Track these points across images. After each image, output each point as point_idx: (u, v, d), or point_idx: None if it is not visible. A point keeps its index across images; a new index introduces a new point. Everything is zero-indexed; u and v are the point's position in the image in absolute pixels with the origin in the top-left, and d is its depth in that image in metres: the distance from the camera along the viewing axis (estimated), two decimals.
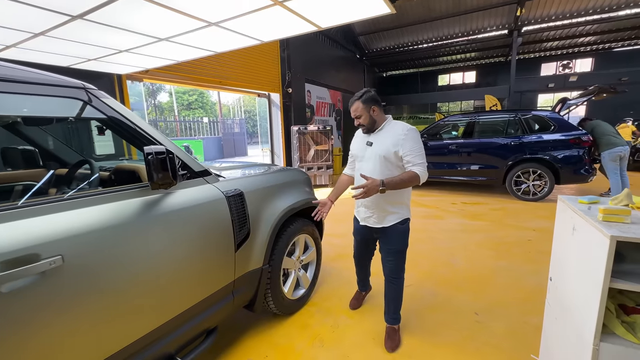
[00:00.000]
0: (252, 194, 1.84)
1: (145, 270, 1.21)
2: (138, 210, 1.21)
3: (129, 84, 4.35)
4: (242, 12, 1.92)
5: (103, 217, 1.11)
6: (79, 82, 1.22)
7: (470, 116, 6.19)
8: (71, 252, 1.00)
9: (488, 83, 15.18)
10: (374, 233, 1.88)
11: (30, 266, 0.91)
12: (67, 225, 1.02)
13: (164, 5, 1.71)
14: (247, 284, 1.82)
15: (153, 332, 1.27)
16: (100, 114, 1.24)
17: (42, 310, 0.94)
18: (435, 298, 2.42)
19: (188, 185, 1.50)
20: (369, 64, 14.53)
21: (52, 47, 2.47)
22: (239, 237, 1.71)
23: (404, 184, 1.62)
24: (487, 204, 5.34)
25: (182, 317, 1.40)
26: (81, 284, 1.03)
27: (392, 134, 1.69)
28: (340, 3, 1.89)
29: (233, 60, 5.83)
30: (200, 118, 22.49)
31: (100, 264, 1.08)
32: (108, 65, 3.31)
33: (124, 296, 1.15)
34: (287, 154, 7.56)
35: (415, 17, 11.00)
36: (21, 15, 1.79)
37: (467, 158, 5.88)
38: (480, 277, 2.74)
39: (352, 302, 2.29)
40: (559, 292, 1.39)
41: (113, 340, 1.14)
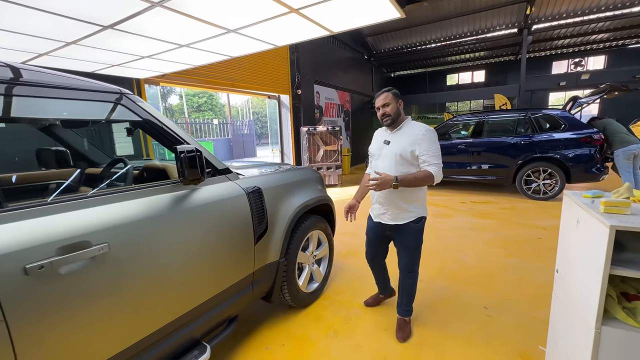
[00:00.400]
0: (269, 191, 1.95)
1: (176, 258, 1.32)
2: (171, 204, 1.32)
3: (146, 87, 4.53)
4: (259, 19, 2.04)
5: (142, 210, 1.23)
6: (117, 88, 1.35)
7: (479, 115, 6.19)
8: (115, 241, 1.12)
9: (497, 82, 15.04)
10: (387, 230, 1.90)
11: (83, 252, 1.03)
12: (112, 216, 1.14)
13: (188, 14, 1.84)
14: (265, 276, 1.92)
15: (182, 317, 1.39)
16: (135, 117, 1.36)
17: (92, 291, 1.06)
18: (446, 292, 2.49)
19: (212, 182, 1.61)
20: (377, 65, 14.57)
21: (81, 54, 2.63)
22: (258, 231, 1.82)
23: (418, 182, 1.66)
24: (496, 203, 5.35)
25: (207, 305, 1.51)
26: (123, 269, 1.14)
27: (410, 133, 1.75)
28: (351, 9, 1.98)
29: (244, 63, 5.98)
30: (211, 120, 22.83)
31: (139, 252, 1.20)
32: (129, 70, 3.48)
33: (158, 282, 1.27)
34: (296, 154, 7.68)
35: (423, 18, 11.01)
36: (57, 26, 1.95)
37: (476, 157, 5.89)
38: (490, 273, 2.80)
39: (369, 300, 2.30)
40: (565, 283, 1.45)
41: (149, 322, 1.25)
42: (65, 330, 1.00)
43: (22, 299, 0.90)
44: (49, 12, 1.75)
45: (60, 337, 0.99)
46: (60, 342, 0.99)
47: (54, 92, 1.16)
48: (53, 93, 1.16)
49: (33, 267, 0.92)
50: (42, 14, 1.77)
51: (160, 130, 1.43)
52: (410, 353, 1.83)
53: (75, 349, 1.03)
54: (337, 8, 1.93)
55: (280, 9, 1.88)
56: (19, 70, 1.10)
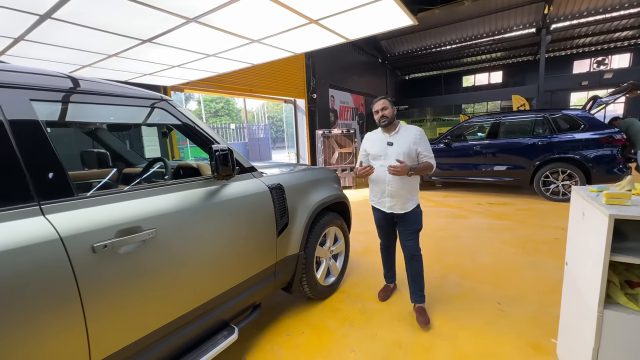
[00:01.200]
0: (290, 188, 2.10)
1: (209, 246, 1.49)
2: (205, 197, 1.49)
3: (172, 94, 4.82)
4: (281, 30, 2.21)
5: (182, 201, 1.40)
6: (158, 95, 1.54)
7: (495, 117, 6.17)
8: (162, 227, 1.29)
9: (516, 83, 14.75)
10: (394, 218, 2.18)
11: (136, 235, 1.21)
12: (159, 206, 1.31)
13: (217, 27, 2.03)
14: (286, 267, 2.07)
15: (213, 300, 1.54)
16: (175, 120, 1.54)
17: (144, 269, 1.23)
18: (459, 288, 2.55)
19: (240, 178, 1.78)
20: (391, 68, 14.63)
21: (119, 65, 2.90)
22: (280, 225, 1.97)
23: (425, 170, 2.06)
24: (513, 204, 5.31)
25: (234, 290, 1.67)
26: (167, 252, 1.31)
27: (409, 135, 2.07)
28: (366, 18, 2.12)
29: (262, 69, 6.22)
30: (228, 124, 23.43)
31: (181, 238, 1.36)
32: (158, 78, 3.76)
33: (194, 266, 1.43)
34: (312, 157, 7.85)
35: (438, 20, 11.02)
36: (103, 41, 2.20)
37: (492, 159, 5.86)
38: (504, 271, 2.83)
39: (380, 294, 2.46)
40: (572, 273, 1.52)
41: (187, 301, 1.42)
42: (124, 300, 1.17)
43: (91, 272, 1.08)
44: (96, 29, 1.99)
45: (120, 305, 1.16)
46: (120, 310, 1.16)
47: (107, 99, 1.35)
48: (106, 100, 1.35)
49: (99, 245, 1.09)
50: (90, 30, 2.00)
51: (197, 132, 1.61)
52: (424, 341, 1.92)
53: (132, 316, 1.20)
54: (353, 18, 2.07)
55: (300, 21, 2.04)
56: (77, 81, 1.29)
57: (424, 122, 14.72)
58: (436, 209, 5.28)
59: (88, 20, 1.90)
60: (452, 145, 6.30)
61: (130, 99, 1.41)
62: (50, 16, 1.68)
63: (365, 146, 2.25)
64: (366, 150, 2.24)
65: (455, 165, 6.28)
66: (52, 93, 1.16)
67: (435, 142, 6.56)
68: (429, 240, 3.73)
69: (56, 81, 1.19)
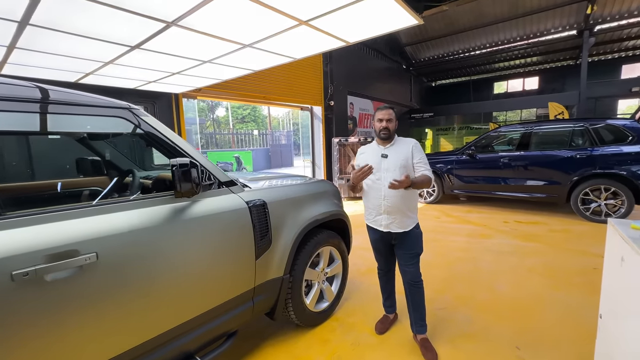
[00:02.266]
0: (275, 205, 1.91)
1: (166, 271, 1.32)
2: (162, 216, 1.34)
3: (185, 101, 4.87)
4: (270, 33, 2.07)
5: (133, 221, 1.25)
6: (125, 103, 1.42)
7: (527, 126, 5.63)
8: (105, 251, 1.15)
9: (554, 89, 13.68)
10: (392, 240, 1.97)
11: (70, 260, 1.07)
12: (103, 227, 1.17)
13: (201, 31, 1.93)
14: (267, 292, 1.86)
15: (172, 330, 1.38)
16: (140, 130, 1.41)
17: (79, 299, 1.09)
18: (471, 325, 2.21)
19: (213, 194, 1.62)
20: (416, 74, 14.17)
21: (120, 72, 2.93)
22: (260, 245, 1.77)
23: (423, 185, 1.85)
24: (546, 224, 4.76)
25: (200, 319, 1.49)
26: (113, 280, 1.17)
27: (403, 146, 1.94)
28: (363, 19, 1.92)
29: (277, 75, 6.17)
30: (251, 131, 23.97)
31: (130, 263, 1.22)
32: (166, 86, 3.78)
33: (146, 294, 1.27)
34: (327, 165, 7.66)
35: (466, 24, 10.50)
36: (94, 48, 2.19)
37: (522, 172, 5.32)
38: (528, 306, 2.44)
39: (378, 325, 2.20)
40: (609, 330, 1.18)
41: (134, 333, 1.26)
42: (51, 335, 1.03)
43: (8, 304, 0.94)
44: (79, 35, 1.96)
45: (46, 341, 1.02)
46: (47, 346, 1.02)
47: (68, 109, 1.25)
48: (64, 109, 1.24)
49: (19, 273, 0.96)
50: (73, 37, 1.98)
51: (162, 143, 1.47)
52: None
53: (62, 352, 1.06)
54: (347, 18, 1.89)
55: (289, 22, 1.89)
56: (33, 89, 1.20)
57: (450, 130, 14.04)
58: (456, 225, 4.85)
59: (66, 26, 1.87)
60: (476, 157, 5.82)
61: (90, 107, 1.30)
62: (28, 22, 1.66)
63: (359, 162, 2.05)
64: (359, 165, 2.02)
65: (480, 179, 5.79)
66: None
67: (458, 153, 6.12)
68: (442, 261, 3.37)
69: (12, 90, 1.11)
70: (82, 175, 2.05)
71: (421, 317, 1.98)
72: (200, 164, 1.57)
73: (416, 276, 1.95)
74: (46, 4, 1.48)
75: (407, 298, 2.01)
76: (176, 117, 4.63)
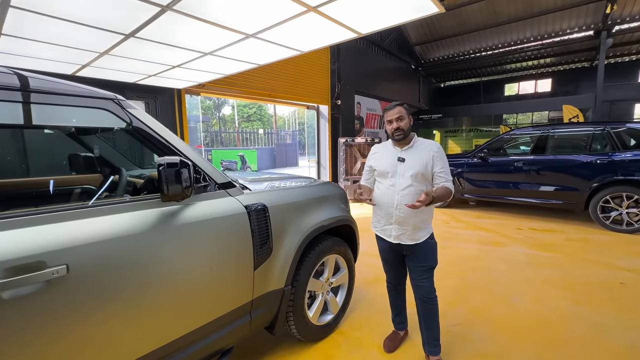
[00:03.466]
0: (277, 209, 1.74)
1: (150, 285, 1.17)
2: (146, 223, 1.18)
3: (188, 97, 4.73)
4: (276, 21, 1.90)
5: (114, 229, 1.10)
6: (110, 94, 1.26)
7: (543, 129, 5.38)
8: (77, 263, 0.99)
9: (567, 92, 13.30)
10: (403, 251, 1.79)
11: (34, 274, 0.91)
12: (76, 235, 1.01)
13: (200, 18, 1.77)
14: (266, 305, 1.70)
15: (158, 351, 1.22)
16: (124, 124, 1.26)
17: (47, 317, 0.94)
18: (489, 344, 2.02)
19: (208, 197, 1.46)
20: (425, 75, 13.91)
21: (117, 64, 2.80)
22: (260, 254, 1.61)
23: (443, 198, 1.67)
24: (562, 232, 4.52)
25: (189, 337, 1.33)
26: (88, 295, 1.01)
27: (424, 150, 1.71)
28: (381, 5, 1.73)
29: (283, 73, 6.01)
30: (256, 130, 23.91)
31: (108, 277, 1.06)
32: (167, 80, 3.64)
33: (129, 310, 1.12)
34: (333, 165, 7.48)
35: (479, 23, 10.23)
36: (85, 36, 2.05)
37: (538, 177, 5.08)
38: (549, 323, 2.24)
39: (387, 342, 2.01)
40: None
41: (112, 355, 1.10)
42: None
43: None
44: (73, 22, 1.83)
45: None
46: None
47: (47, 98, 1.09)
48: (45, 99, 1.09)
49: None
50: (67, 23, 1.85)
51: (150, 139, 1.31)
52: None
53: None
54: (360, 5, 1.71)
55: (296, 8, 1.71)
56: (11, 75, 1.05)
57: (459, 132, 13.75)
58: (467, 231, 4.64)
59: (51, 9, 1.73)
60: (489, 160, 5.60)
61: (69, 97, 1.14)
62: (9, 4, 1.51)
63: (371, 162, 1.86)
64: (372, 167, 1.85)
65: (493, 183, 5.57)
66: None
67: (469, 156, 5.89)
68: (453, 270, 3.17)
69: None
70: (58, 173, 1.89)
71: (435, 337, 1.80)
72: (194, 164, 1.42)
73: (430, 292, 1.76)
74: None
75: (419, 315, 1.83)
76: (178, 113, 4.49)
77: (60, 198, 1.85)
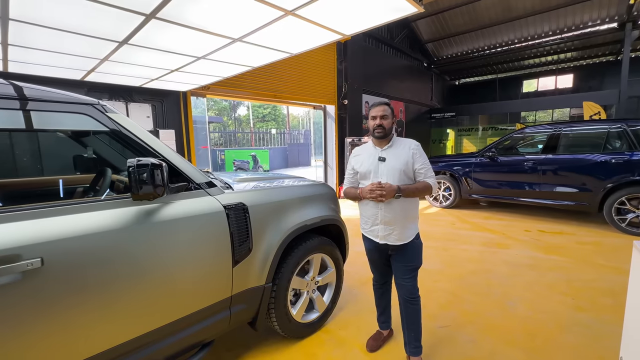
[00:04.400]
0: (258, 208, 1.79)
1: (122, 279, 1.24)
2: (118, 220, 1.25)
3: (194, 100, 4.88)
4: (257, 25, 1.95)
5: (88, 225, 1.17)
6: (90, 99, 1.34)
7: (555, 127, 5.17)
8: (52, 257, 1.07)
9: (590, 87, 12.65)
10: (389, 251, 1.81)
11: (9, 265, 1.00)
12: (51, 230, 1.10)
13: (183, 24, 1.86)
14: (246, 302, 1.75)
15: (132, 342, 1.29)
16: (105, 128, 1.34)
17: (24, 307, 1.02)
18: (476, 348, 1.99)
19: (186, 196, 1.52)
20: (438, 72, 13.61)
21: (120, 69, 2.94)
22: (239, 252, 1.66)
23: (419, 193, 1.70)
24: (573, 234, 4.34)
25: (168, 328, 1.40)
26: (63, 286, 1.09)
27: (403, 148, 1.73)
28: (357, 8, 1.75)
29: (289, 73, 6.07)
30: (269, 129, 24.18)
31: (83, 270, 1.14)
32: (170, 83, 3.78)
33: (103, 302, 1.19)
34: (339, 165, 7.48)
35: (492, 18, 9.91)
36: (83, 44, 2.19)
37: (548, 177, 4.89)
38: (543, 329, 2.17)
39: (370, 342, 2.03)
40: None
41: (89, 342, 1.18)
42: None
43: None
44: (69, 32, 1.96)
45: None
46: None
47: (32, 105, 1.19)
48: (30, 105, 1.18)
49: None
50: (64, 33, 1.98)
51: (130, 141, 1.39)
52: None
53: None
54: (337, 7, 1.72)
55: (274, 13, 1.75)
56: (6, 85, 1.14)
57: (473, 130, 13.36)
58: (472, 232, 4.54)
59: (46, 20, 1.85)
60: (497, 159, 5.44)
61: (49, 103, 1.22)
62: (8, 17, 1.64)
63: (352, 164, 1.88)
64: (354, 169, 1.86)
65: (501, 183, 5.41)
66: None
67: (477, 155, 5.75)
68: (451, 272, 3.12)
69: None
70: (45, 175, 2.02)
71: (416, 338, 1.80)
72: (172, 165, 1.49)
73: (413, 292, 1.78)
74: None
75: (401, 316, 1.84)
76: (184, 115, 4.64)
77: (44, 198, 1.99)
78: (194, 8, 1.69)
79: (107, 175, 1.63)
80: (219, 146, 17.22)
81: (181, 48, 2.37)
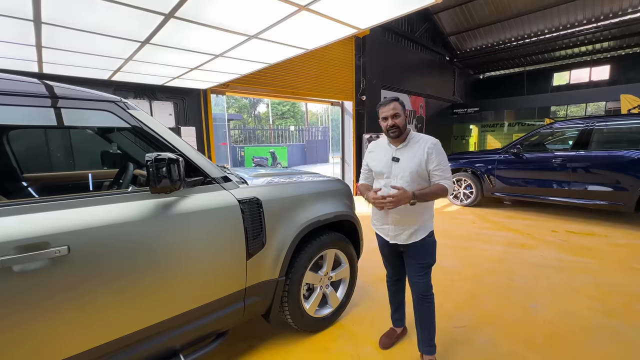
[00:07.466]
0: (272, 203, 1.81)
1: (142, 268, 1.30)
2: (138, 212, 1.31)
3: (214, 97, 5.00)
4: (271, 22, 1.97)
5: (110, 216, 1.24)
6: (113, 97, 1.41)
7: (587, 121, 4.86)
8: (77, 245, 1.15)
9: (629, 79, 11.77)
10: (400, 248, 1.78)
11: (40, 252, 1.08)
12: (76, 220, 1.17)
13: (201, 23, 1.91)
14: (260, 294, 1.79)
15: (151, 328, 1.36)
16: (126, 124, 1.40)
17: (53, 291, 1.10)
18: (493, 350, 1.92)
19: (202, 190, 1.56)
20: (462, 66, 13.15)
21: (142, 69, 3.08)
22: (253, 245, 1.70)
23: (434, 197, 1.62)
24: (605, 236, 4.08)
25: (182, 318, 1.46)
26: (87, 273, 1.17)
27: (419, 147, 1.65)
28: (372, 1, 1.71)
29: (307, 70, 6.08)
30: (287, 127, 24.36)
31: (105, 258, 1.21)
32: (190, 82, 3.91)
33: (125, 289, 1.26)
34: (357, 162, 7.43)
35: (520, 7, 9.43)
36: (109, 45, 2.33)
37: (579, 175, 4.61)
38: (570, 334, 2.07)
39: (383, 339, 2.01)
40: None
41: (111, 326, 1.26)
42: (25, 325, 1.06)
43: None
44: (96, 33, 2.07)
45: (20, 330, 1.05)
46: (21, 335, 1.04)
47: (47, 102, 1.25)
48: (47, 103, 1.24)
49: None
50: (91, 35, 2.09)
51: (150, 137, 1.45)
52: None
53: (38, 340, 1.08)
54: (351, 1, 1.70)
55: (288, 8, 1.76)
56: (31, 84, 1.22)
57: (498, 126, 12.82)
58: (493, 232, 4.38)
59: (74, 23, 1.95)
60: (523, 156, 5.20)
61: (73, 100, 1.29)
62: (40, 21, 1.76)
63: (367, 160, 1.85)
64: (368, 165, 1.84)
65: (526, 181, 5.17)
66: None
67: (501, 152, 5.52)
68: (469, 272, 3.04)
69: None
70: (71, 169, 2.15)
71: (430, 337, 1.77)
72: (189, 160, 1.54)
73: (426, 289, 1.74)
74: (48, 1, 1.56)
75: (415, 314, 1.81)
76: (204, 112, 4.78)
77: (72, 190, 2.11)
78: (210, 6, 1.74)
79: (130, 169, 1.72)
80: (239, 143, 17.56)
81: (199, 46, 2.45)
